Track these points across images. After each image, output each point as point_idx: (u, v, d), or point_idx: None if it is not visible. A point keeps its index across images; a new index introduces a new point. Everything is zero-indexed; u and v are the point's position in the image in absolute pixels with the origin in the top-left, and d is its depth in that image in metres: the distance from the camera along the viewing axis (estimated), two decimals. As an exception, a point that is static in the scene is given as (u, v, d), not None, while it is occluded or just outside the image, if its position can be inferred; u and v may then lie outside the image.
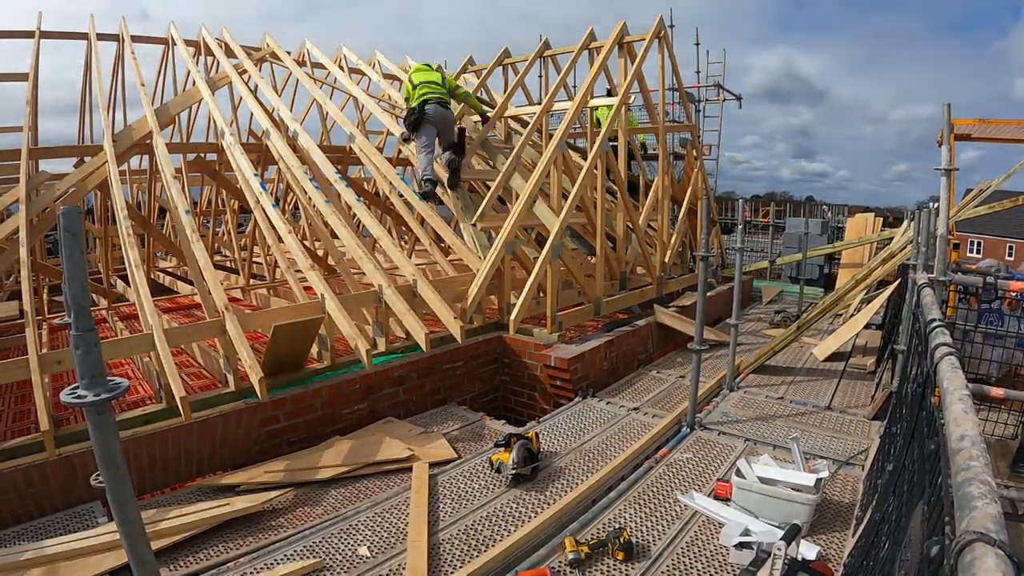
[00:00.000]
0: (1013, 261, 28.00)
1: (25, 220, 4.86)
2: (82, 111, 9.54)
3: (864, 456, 3.74)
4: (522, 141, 6.60)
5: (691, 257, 8.37)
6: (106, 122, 6.34)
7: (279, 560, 2.69)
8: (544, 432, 4.11)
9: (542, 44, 8.19)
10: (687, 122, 9.62)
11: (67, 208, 1.55)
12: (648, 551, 2.78)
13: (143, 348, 3.80)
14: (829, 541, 2.89)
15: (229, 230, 8.58)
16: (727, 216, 15.06)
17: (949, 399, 1.34)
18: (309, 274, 4.65)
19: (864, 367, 5.73)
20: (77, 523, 3.07)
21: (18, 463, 3.11)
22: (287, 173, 6.06)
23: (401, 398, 4.62)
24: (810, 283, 9.44)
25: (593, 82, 6.68)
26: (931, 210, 4.14)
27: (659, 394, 5.05)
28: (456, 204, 6.20)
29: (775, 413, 4.57)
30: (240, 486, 3.39)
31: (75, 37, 8.22)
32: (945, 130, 3.68)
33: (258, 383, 3.68)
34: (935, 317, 2.24)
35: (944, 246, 3.42)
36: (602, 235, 6.08)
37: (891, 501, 2.07)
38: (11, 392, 4.62)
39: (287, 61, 8.21)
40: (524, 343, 5.23)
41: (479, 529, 2.99)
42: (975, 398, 1.59)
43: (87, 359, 1.57)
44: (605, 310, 6.08)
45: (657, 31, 6.98)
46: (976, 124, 6.15)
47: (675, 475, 3.54)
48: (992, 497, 0.91)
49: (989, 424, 4.03)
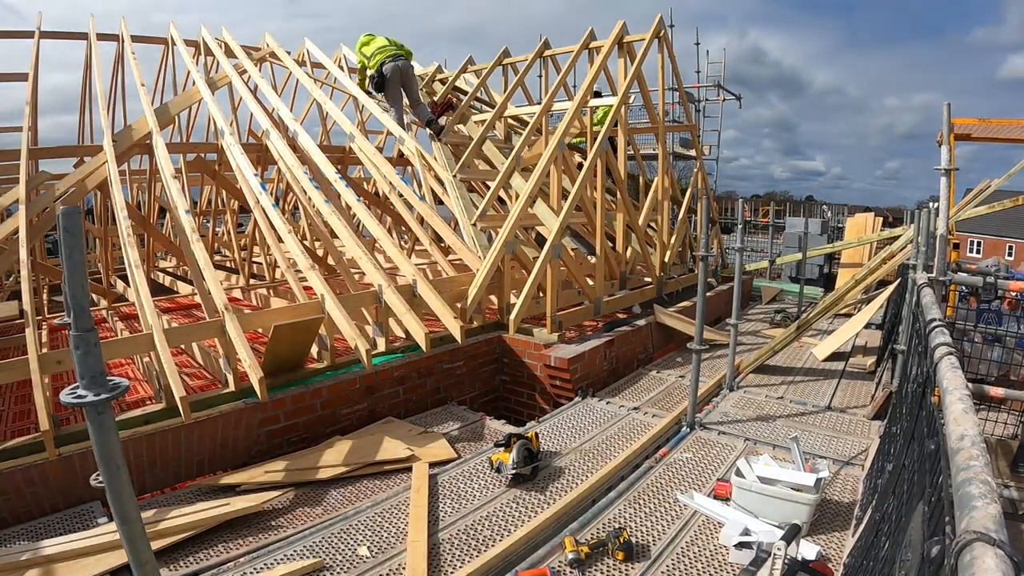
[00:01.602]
0: (1013, 261, 28.02)
1: (25, 220, 4.85)
2: (82, 111, 9.55)
3: (864, 456, 3.74)
4: (522, 141, 6.61)
5: (691, 257, 8.37)
6: (106, 122, 6.34)
7: (279, 560, 2.69)
8: (544, 432, 4.11)
9: (542, 44, 8.18)
10: (687, 122, 9.62)
11: (67, 208, 1.55)
12: (648, 551, 2.78)
13: (143, 348, 3.80)
14: (829, 541, 2.89)
15: (229, 230, 8.58)
16: (727, 216, 15.07)
17: (949, 399, 1.35)
18: (309, 274, 4.65)
19: (864, 367, 5.73)
20: (77, 523, 3.07)
21: (18, 463, 3.11)
22: (287, 173, 6.05)
23: (401, 398, 4.62)
24: (810, 283, 9.45)
25: (593, 82, 6.68)
26: (931, 210, 4.14)
27: (659, 394, 5.05)
28: (456, 204, 6.20)
29: (775, 413, 4.57)
30: (240, 486, 3.39)
31: (75, 37, 8.23)
32: (945, 130, 3.68)
33: (258, 383, 3.68)
34: (935, 317, 2.25)
35: (944, 246, 3.42)
36: (602, 235, 6.08)
37: (891, 501, 2.07)
38: (11, 392, 4.62)
39: (287, 61, 8.20)
40: (524, 343, 5.23)
41: (479, 529, 2.99)
42: (975, 398, 1.59)
43: (87, 359, 1.57)
44: (605, 310, 6.08)
45: (657, 31, 6.98)
46: (976, 124, 6.15)
47: (675, 475, 3.54)
48: (992, 497, 0.91)
49: (989, 424, 4.03)
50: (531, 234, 7.03)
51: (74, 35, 8.22)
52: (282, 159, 6.05)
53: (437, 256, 5.98)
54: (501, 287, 5.55)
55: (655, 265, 7.04)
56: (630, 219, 6.65)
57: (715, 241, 9.03)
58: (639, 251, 6.97)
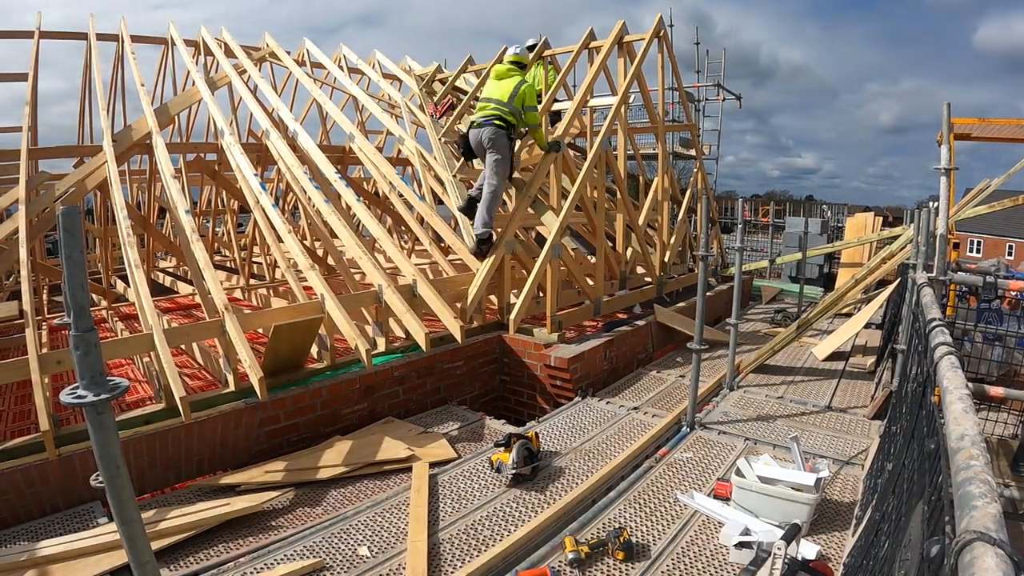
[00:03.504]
0: (1013, 260, 28.02)
1: (25, 220, 4.86)
2: (81, 111, 9.54)
3: (864, 455, 3.74)
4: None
5: (691, 257, 8.37)
6: (105, 122, 6.33)
7: (279, 560, 2.69)
8: (544, 432, 4.11)
9: (541, 44, 8.18)
10: (687, 121, 9.61)
11: (66, 208, 1.55)
12: (648, 551, 2.78)
13: (143, 348, 3.80)
14: (829, 540, 2.89)
15: (229, 230, 8.58)
16: (727, 216, 15.07)
17: (949, 398, 1.34)
18: (309, 274, 4.65)
19: (864, 366, 5.73)
20: (77, 523, 3.07)
21: (18, 463, 3.11)
22: (287, 173, 6.05)
23: (401, 398, 4.62)
24: (810, 282, 9.45)
25: (593, 81, 6.68)
26: (931, 209, 4.13)
27: (659, 394, 5.05)
28: (456, 204, 6.20)
29: (775, 412, 4.57)
30: (240, 486, 3.39)
31: (75, 37, 8.22)
32: (944, 130, 3.67)
33: (258, 383, 3.68)
34: (935, 316, 2.24)
35: (944, 245, 3.42)
36: (602, 235, 6.08)
37: (891, 500, 2.07)
38: (11, 392, 4.63)
39: (286, 61, 8.20)
40: (524, 343, 5.23)
41: (479, 529, 2.99)
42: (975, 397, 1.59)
43: (87, 359, 1.57)
44: (605, 310, 6.08)
45: (657, 30, 6.98)
46: (976, 123, 6.15)
47: (675, 475, 3.54)
48: (992, 496, 0.91)
49: (989, 423, 4.03)
50: (531, 234, 7.02)
51: (74, 35, 8.21)
52: (282, 159, 6.05)
53: (437, 256, 5.98)
54: (501, 287, 5.55)
55: (655, 265, 7.04)
56: (630, 219, 6.65)
57: (715, 241, 9.03)
58: (639, 251, 6.97)
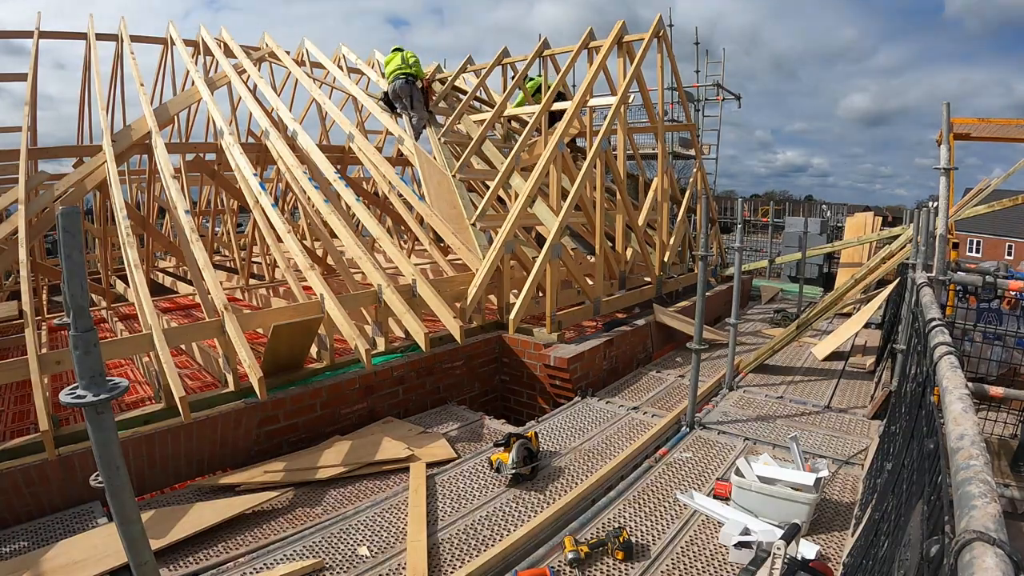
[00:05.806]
0: (1013, 260, 28.03)
1: (24, 220, 4.85)
2: (81, 111, 9.54)
3: (863, 455, 3.74)
4: (521, 141, 6.60)
5: (691, 257, 8.36)
6: (105, 122, 6.33)
7: (279, 560, 2.69)
8: (544, 432, 4.11)
9: (541, 43, 8.18)
10: (686, 121, 9.62)
11: (66, 208, 1.55)
12: (648, 550, 2.78)
13: (142, 348, 3.80)
14: (829, 540, 2.89)
15: (228, 230, 8.58)
16: (726, 216, 15.07)
17: (948, 398, 1.34)
18: (308, 274, 4.65)
19: (863, 366, 5.73)
20: (77, 523, 3.07)
21: (18, 463, 3.11)
22: (286, 173, 6.05)
23: (401, 398, 4.62)
24: (809, 282, 9.45)
25: (592, 81, 6.68)
26: (931, 209, 4.13)
27: (658, 393, 5.06)
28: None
29: (775, 412, 4.57)
30: (240, 486, 3.39)
31: (74, 37, 8.22)
32: (944, 129, 3.68)
33: (258, 383, 3.68)
34: (934, 316, 2.24)
35: (943, 245, 3.42)
36: (601, 235, 6.08)
37: (890, 500, 2.07)
38: (11, 392, 4.62)
39: (286, 61, 8.21)
40: (524, 343, 5.23)
41: (479, 528, 2.99)
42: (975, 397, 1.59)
43: (86, 359, 1.57)
44: (605, 310, 6.08)
45: (656, 30, 6.98)
46: (976, 123, 6.15)
47: (675, 474, 3.54)
48: (992, 496, 0.91)
49: (989, 423, 4.03)
50: (531, 234, 7.02)
51: (73, 35, 8.21)
52: (281, 159, 6.05)
53: (437, 256, 5.98)
54: (500, 287, 5.55)
55: (654, 265, 7.04)
56: (629, 219, 6.65)
57: (714, 241, 9.03)
58: (638, 251, 6.97)
